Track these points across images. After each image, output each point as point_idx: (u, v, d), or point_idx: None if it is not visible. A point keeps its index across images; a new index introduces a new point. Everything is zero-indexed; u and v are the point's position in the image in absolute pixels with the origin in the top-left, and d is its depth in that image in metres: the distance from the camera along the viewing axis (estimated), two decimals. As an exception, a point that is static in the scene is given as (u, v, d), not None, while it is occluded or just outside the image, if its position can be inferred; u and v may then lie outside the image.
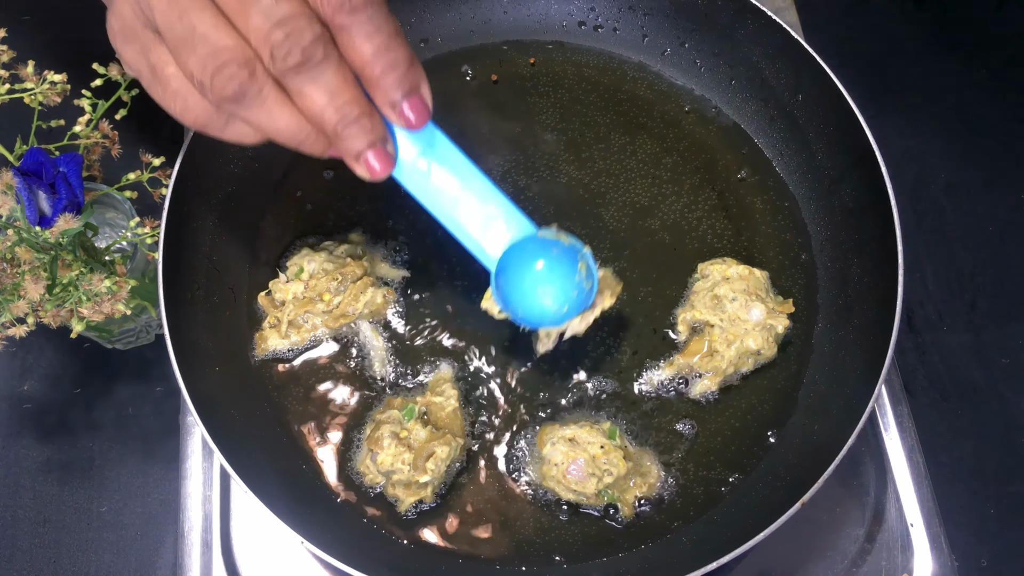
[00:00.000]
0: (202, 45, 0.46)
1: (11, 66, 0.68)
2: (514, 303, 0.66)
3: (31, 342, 0.87)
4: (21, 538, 0.81)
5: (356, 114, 0.48)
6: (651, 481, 0.72)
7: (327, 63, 0.46)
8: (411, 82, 0.49)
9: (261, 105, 0.47)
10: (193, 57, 0.46)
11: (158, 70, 0.49)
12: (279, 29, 0.45)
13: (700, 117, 0.88)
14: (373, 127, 0.50)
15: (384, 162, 0.52)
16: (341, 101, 0.48)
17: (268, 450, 0.72)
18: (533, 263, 0.65)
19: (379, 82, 0.48)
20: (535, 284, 0.66)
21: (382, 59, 0.47)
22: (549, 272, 0.65)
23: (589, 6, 0.91)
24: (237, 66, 0.46)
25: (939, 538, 0.78)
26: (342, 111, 0.48)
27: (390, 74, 0.48)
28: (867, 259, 0.76)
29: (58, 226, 0.64)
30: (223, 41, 0.46)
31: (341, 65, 0.47)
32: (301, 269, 0.76)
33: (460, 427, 0.72)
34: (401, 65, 0.48)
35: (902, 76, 1.11)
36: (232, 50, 0.46)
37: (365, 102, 0.49)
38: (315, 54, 0.46)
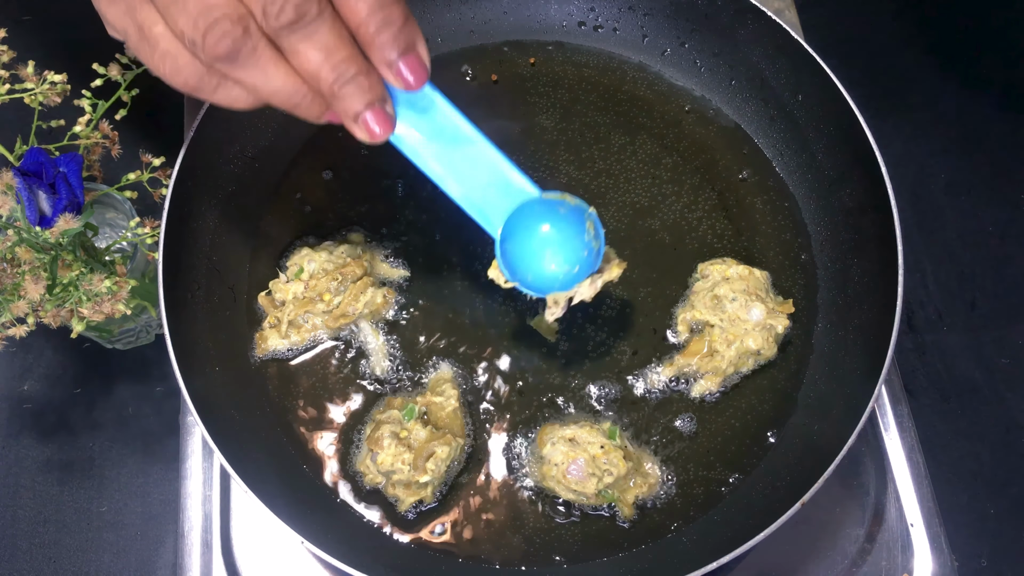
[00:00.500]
0: (193, 2, 0.44)
1: (11, 66, 0.68)
2: (522, 269, 0.64)
3: (31, 342, 0.87)
4: (21, 538, 0.81)
5: (353, 72, 0.47)
6: (651, 481, 0.72)
7: (321, 20, 0.45)
8: (407, 39, 0.48)
9: (255, 64, 0.46)
10: (183, 15, 0.45)
11: (145, 29, 0.47)
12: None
13: (700, 117, 0.88)
14: (371, 86, 0.48)
15: (383, 123, 0.50)
16: (337, 59, 0.46)
17: (268, 450, 0.72)
18: (539, 226, 0.63)
19: (374, 40, 0.47)
20: (543, 247, 0.64)
21: (376, 16, 0.46)
22: (557, 234, 0.64)
23: (589, 6, 0.91)
24: (230, 23, 0.44)
25: (939, 538, 0.78)
26: (338, 69, 0.47)
27: (385, 31, 0.47)
28: (867, 259, 0.76)
29: (58, 226, 0.64)
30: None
31: (336, 22, 0.46)
32: (301, 269, 0.76)
33: (460, 427, 0.72)
34: (396, 22, 0.47)
35: (902, 76, 1.11)
36: (224, 6, 0.44)
37: (362, 60, 0.48)
38: (309, 11, 0.44)
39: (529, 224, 0.62)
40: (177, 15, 0.45)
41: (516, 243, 0.63)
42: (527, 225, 0.62)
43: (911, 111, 1.08)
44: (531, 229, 0.63)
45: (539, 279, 0.65)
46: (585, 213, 0.63)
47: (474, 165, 0.57)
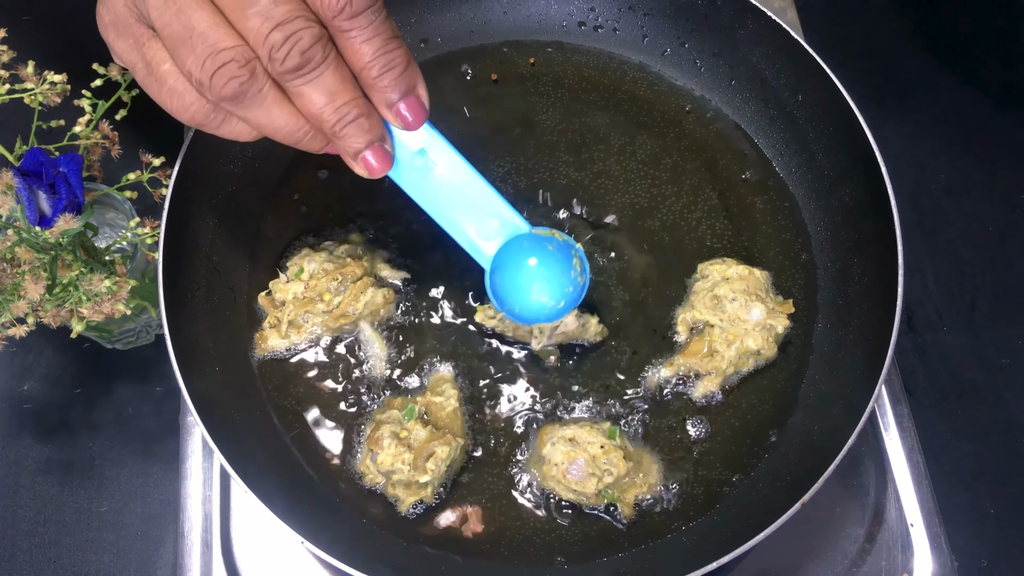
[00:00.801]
0: (200, 44, 0.46)
1: (11, 66, 0.68)
2: (510, 300, 0.67)
3: (31, 342, 0.87)
4: (21, 538, 0.81)
5: (355, 115, 0.49)
6: (651, 481, 0.72)
7: (325, 65, 0.47)
8: (408, 83, 0.50)
9: (260, 105, 0.48)
10: (191, 56, 0.46)
11: (153, 67, 0.49)
12: (278, 31, 0.45)
13: (700, 117, 0.88)
14: (371, 127, 0.51)
15: (382, 160, 0.53)
16: (340, 102, 0.48)
17: (268, 450, 0.72)
18: (528, 259, 0.66)
19: (376, 83, 0.49)
20: (531, 280, 0.67)
21: (380, 61, 0.48)
22: (544, 268, 0.67)
23: (589, 6, 0.91)
24: (237, 67, 0.46)
25: (939, 538, 0.78)
26: (340, 112, 0.49)
27: (387, 76, 0.49)
28: (867, 259, 0.76)
29: (58, 226, 0.64)
30: (222, 41, 0.46)
31: (339, 67, 0.48)
32: (301, 269, 0.76)
33: (460, 427, 0.72)
34: (398, 67, 0.49)
35: (902, 76, 1.11)
36: (231, 50, 0.46)
37: (364, 102, 0.50)
38: (314, 57, 0.46)
39: (518, 257, 0.65)
40: (185, 56, 0.46)
41: (505, 274, 0.65)
42: (516, 258, 0.65)
43: (911, 111, 1.08)
44: (520, 262, 0.66)
45: (526, 310, 0.68)
46: (572, 249, 0.66)
47: (467, 199, 0.60)
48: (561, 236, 0.65)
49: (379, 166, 0.53)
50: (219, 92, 0.47)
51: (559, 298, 0.67)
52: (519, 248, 0.64)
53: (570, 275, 0.67)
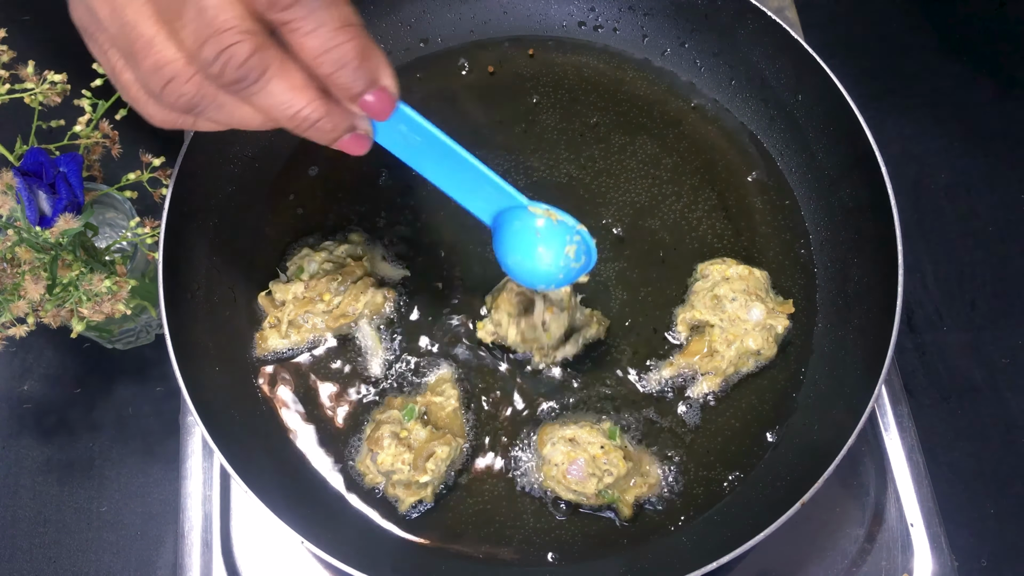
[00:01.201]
0: (144, 57, 0.43)
1: (11, 66, 0.68)
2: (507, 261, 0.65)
3: (31, 342, 0.87)
4: (21, 538, 0.81)
5: (312, 119, 0.46)
6: (651, 481, 0.72)
7: (268, 76, 0.43)
8: (367, 77, 0.45)
9: (219, 109, 0.45)
10: (139, 71, 0.44)
11: (116, 74, 0.47)
12: (208, 47, 0.41)
13: (700, 117, 0.88)
14: (334, 126, 0.47)
15: (358, 145, 0.50)
16: (293, 110, 0.45)
17: (268, 450, 0.72)
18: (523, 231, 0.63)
19: (331, 80, 0.45)
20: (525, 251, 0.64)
21: (330, 57, 0.44)
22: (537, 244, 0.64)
23: (589, 6, 0.91)
24: (181, 82, 0.43)
25: (939, 538, 0.78)
26: (296, 118, 0.45)
27: (341, 72, 0.44)
28: (867, 259, 0.76)
29: (58, 226, 0.64)
30: (164, 53, 0.43)
31: (285, 72, 0.44)
32: (301, 269, 0.76)
33: (460, 427, 0.72)
34: (351, 62, 0.44)
35: (902, 76, 1.11)
36: (174, 64, 0.43)
37: (320, 104, 0.45)
38: (251, 71, 0.42)
39: (515, 226, 0.63)
40: (135, 68, 0.44)
41: (503, 237, 0.64)
42: (513, 226, 0.63)
43: (911, 111, 1.08)
44: (516, 231, 0.63)
45: (520, 275, 0.66)
46: (568, 234, 0.63)
47: (459, 172, 0.58)
48: (557, 217, 0.62)
49: (356, 150, 0.50)
50: (173, 105, 0.45)
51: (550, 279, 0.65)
52: (516, 218, 0.62)
53: (562, 257, 0.63)
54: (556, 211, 0.62)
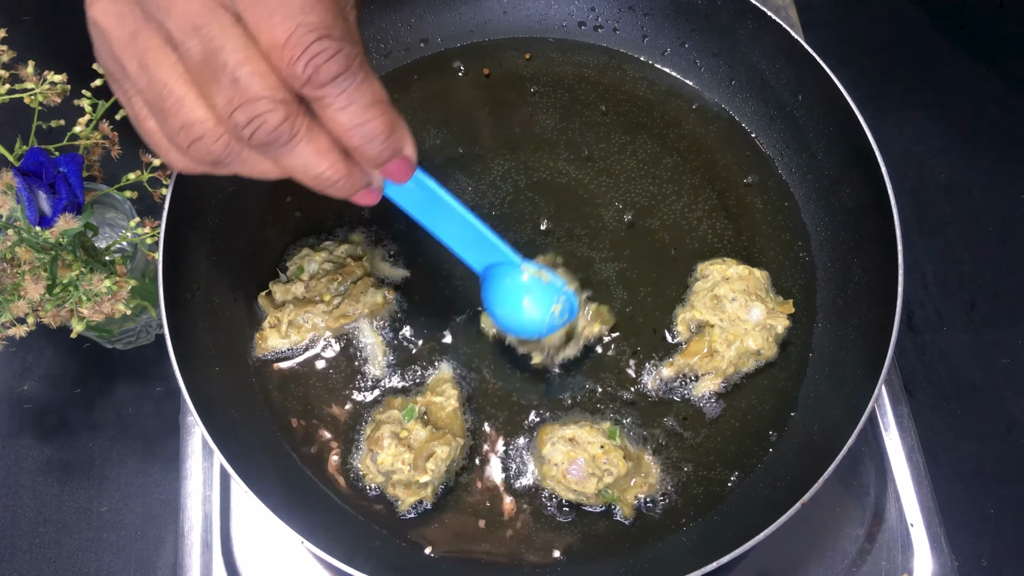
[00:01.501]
0: (173, 116, 0.44)
1: (11, 66, 0.68)
2: (493, 308, 0.70)
3: (31, 342, 0.87)
4: (21, 538, 0.81)
5: (333, 180, 0.47)
6: (651, 481, 0.72)
7: (295, 141, 0.45)
8: (391, 149, 0.47)
9: (242, 165, 0.47)
10: (166, 126, 0.45)
11: (140, 120, 0.48)
12: (240, 113, 0.43)
13: (700, 117, 0.88)
14: (352, 185, 0.48)
15: (369, 199, 0.52)
16: (316, 172, 0.47)
17: (268, 450, 0.72)
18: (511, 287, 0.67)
19: (357, 152, 0.47)
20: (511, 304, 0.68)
21: (358, 132, 0.45)
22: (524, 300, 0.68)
23: (589, 6, 0.91)
24: (210, 141, 0.45)
25: (939, 538, 0.78)
26: (318, 179, 0.47)
27: (367, 146, 0.46)
28: (867, 259, 0.76)
29: (58, 226, 0.64)
30: (195, 114, 0.44)
31: (312, 138, 0.45)
32: (301, 269, 0.76)
33: (460, 427, 0.72)
34: (378, 137, 0.46)
35: (902, 76, 1.11)
36: (203, 124, 0.44)
37: (342, 166, 0.47)
38: (281, 135, 0.44)
39: (504, 279, 0.67)
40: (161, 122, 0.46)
41: (491, 287, 0.68)
42: (503, 279, 0.67)
43: (911, 111, 1.08)
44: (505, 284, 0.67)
45: (505, 324, 0.70)
46: (556, 295, 0.67)
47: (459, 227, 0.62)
48: (547, 277, 0.67)
49: (367, 202, 0.52)
50: (198, 161, 0.46)
51: (533, 331, 0.69)
52: (507, 274, 0.66)
53: (547, 315, 0.68)
54: (547, 271, 0.66)
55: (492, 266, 0.66)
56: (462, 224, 0.62)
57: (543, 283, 0.67)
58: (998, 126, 1.07)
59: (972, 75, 1.10)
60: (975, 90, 1.09)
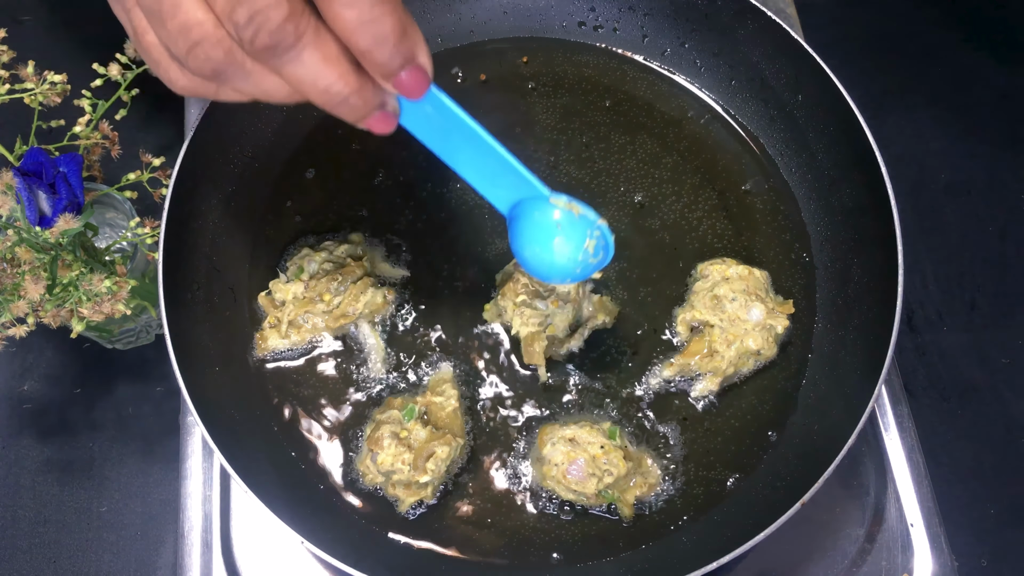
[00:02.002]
0: (171, 19, 0.41)
1: (11, 66, 0.68)
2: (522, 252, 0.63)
3: (31, 342, 0.87)
4: (21, 538, 0.81)
5: (343, 95, 0.44)
6: (651, 481, 0.72)
7: (301, 46, 0.41)
8: (404, 54, 0.43)
9: (245, 79, 0.44)
10: (164, 31, 0.42)
11: (139, 35, 0.45)
12: (242, 9, 0.40)
13: (700, 117, 0.88)
14: (364, 103, 0.45)
15: (385, 124, 0.48)
16: (324, 83, 0.43)
17: (268, 450, 0.72)
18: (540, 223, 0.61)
19: (367, 56, 0.43)
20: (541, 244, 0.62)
21: (367, 31, 0.42)
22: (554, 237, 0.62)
23: (589, 6, 0.91)
24: (210, 46, 0.42)
25: (939, 538, 0.78)
26: (327, 92, 0.44)
27: (378, 48, 0.42)
28: (867, 259, 0.76)
29: (58, 226, 0.64)
30: (193, 15, 0.41)
31: (319, 42, 0.42)
32: (301, 269, 0.76)
33: (460, 427, 0.72)
34: (390, 36, 0.42)
35: (902, 76, 1.11)
36: (203, 26, 0.41)
37: (353, 78, 0.44)
38: (285, 37, 0.41)
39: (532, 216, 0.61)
40: (159, 29, 0.43)
41: (519, 227, 0.62)
42: (530, 216, 0.61)
43: (911, 111, 1.08)
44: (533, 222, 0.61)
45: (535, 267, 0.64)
46: (588, 229, 0.61)
47: (481, 155, 0.56)
48: (579, 210, 0.60)
49: (381, 129, 0.48)
50: (198, 70, 0.43)
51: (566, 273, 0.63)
52: (535, 209, 0.60)
53: (581, 252, 0.62)
54: (578, 203, 0.60)
55: (518, 204, 0.60)
56: (486, 153, 0.55)
57: (575, 217, 0.60)
58: (998, 126, 1.07)
59: (972, 75, 1.10)
60: (975, 90, 1.09)
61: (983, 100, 1.09)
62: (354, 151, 0.84)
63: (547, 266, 0.62)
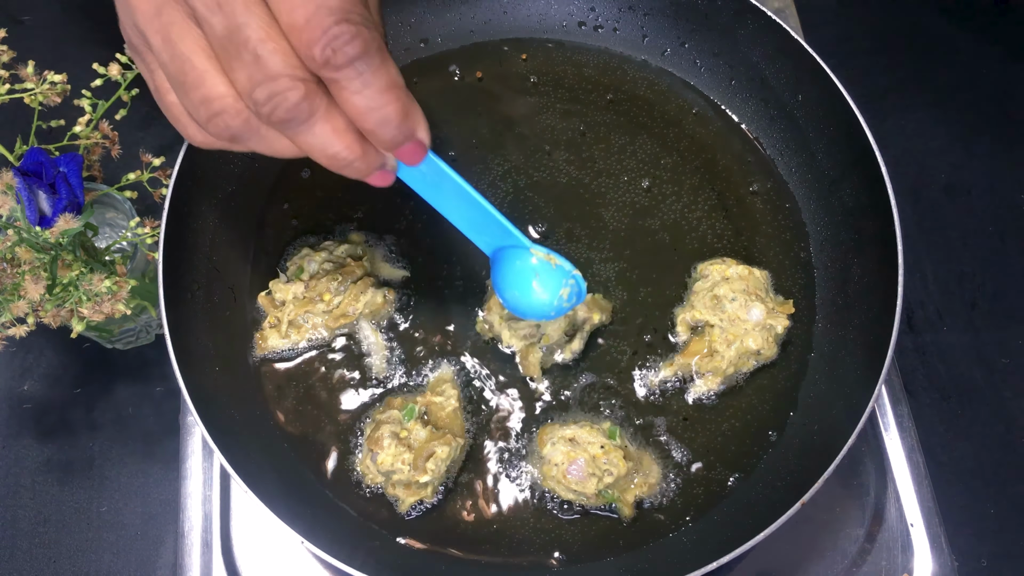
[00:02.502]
0: (195, 89, 0.45)
1: (11, 66, 0.68)
2: (502, 290, 0.69)
3: (31, 342, 0.87)
4: (21, 538, 0.81)
5: (348, 160, 0.48)
6: (651, 481, 0.72)
7: (313, 121, 0.46)
8: (405, 133, 0.48)
9: (260, 142, 0.48)
10: (187, 99, 0.46)
11: (161, 94, 0.49)
12: (261, 90, 0.44)
13: (700, 117, 0.88)
14: (367, 166, 0.49)
15: (383, 181, 0.53)
16: (333, 151, 0.47)
17: (268, 450, 0.72)
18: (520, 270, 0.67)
19: (372, 135, 0.48)
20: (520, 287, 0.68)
21: (374, 116, 0.46)
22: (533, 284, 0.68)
23: (589, 6, 0.91)
24: (230, 116, 0.46)
25: (939, 538, 0.78)
26: (334, 159, 0.48)
27: (382, 130, 0.47)
28: (867, 259, 0.76)
29: (58, 226, 0.64)
30: (216, 89, 0.45)
31: (330, 117, 0.46)
32: (301, 269, 0.76)
33: (460, 427, 0.72)
34: (392, 121, 0.47)
35: (902, 76, 1.11)
36: (224, 100, 0.45)
37: (358, 147, 0.48)
38: (299, 114, 0.45)
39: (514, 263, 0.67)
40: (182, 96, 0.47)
41: (500, 269, 0.68)
42: (512, 262, 0.67)
43: (911, 111, 1.08)
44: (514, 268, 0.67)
45: (515, 306, 0.69)
46: (564, 279, 0.67)
47: (469, 210, 0.62)
48: (556, 261, 0.66)
49: (381, 184, 0.53)
50: (217, 135, 0.47)
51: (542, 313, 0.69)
52: (517, 257, 0.66)
53: (556, 298, 0.68)
54: (555, 256, 0.66)
55: (502, 249, 0.66)
56: (472, 206, 0.62)
57: (552, 267, 0.67)
58: (998, 126, 1.07)
59: (973, 75, 1.10)
60: (975, 90, 1.09)
61: (983, 100, 1.09)
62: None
63: (526, 306, 0.68)
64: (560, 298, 0.67)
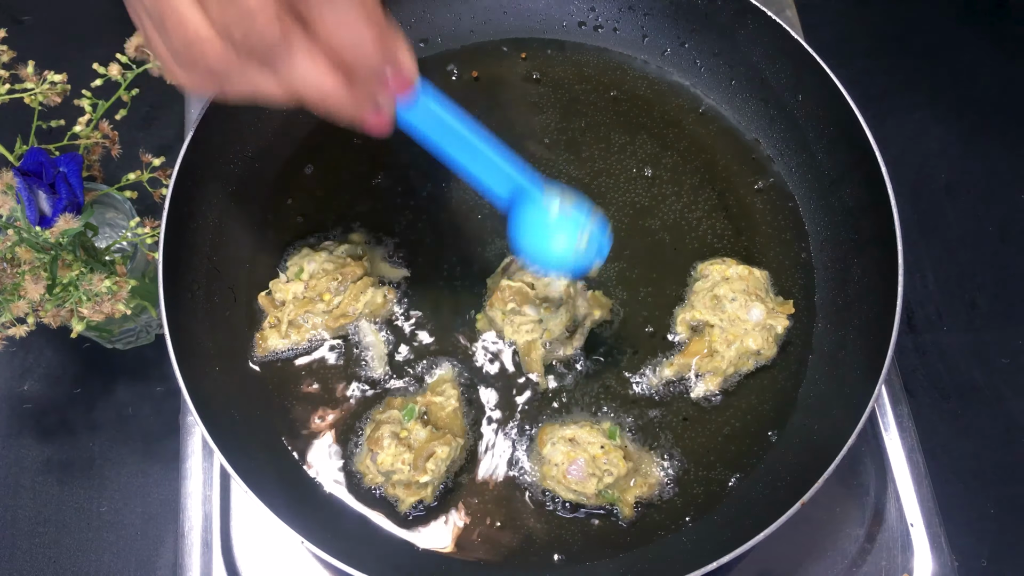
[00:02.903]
0: (175, 30, 0.46)
1: (11, 66, 0.68)
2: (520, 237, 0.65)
3: (31, 342, 0.87)
4: (21, 538, 0.81)
5: (335, 97, 0.48)
6: (651, 481, 0.72)
7: (291, 52, 0.46)
8: (383, 55, 0.48)
9: (245, 80, 0.48)
10: (170, 42, 0.47)
11: (150, 40, 0.49)
12: (238, 26, 0.44)
13: (700, 117, 0.88)
14: (357, 100, 0.49)
15: (379, 125, 0.52)
16: (315, 87, 0.47)
17: (268, 450, 0.72)
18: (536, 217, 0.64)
19: (351, 64, 0.47)
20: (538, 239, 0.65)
21: (347, 40, 0.46)
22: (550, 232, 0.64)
23: (589, 6, 0.91)
24: (212, 56, 0.46)
25: (939, 538, 0.78)
26: (319, 94, 0.48)
27: (357, 55, 0.47)
28: (867, 259, 0.76)
29: (58, 226, 0.64)
30: (197, 30, 0.45)
31: (310, 53, 0.46)
32: (301, 269, 0.76)
33: (460, 427, 0.72)
34: (367, 44, 0.47)
35: (902, 76, 1.11)
36: (205, 40, 0.46)
37: (343, 79, 0.48)
38: (276, 48, 0.45)
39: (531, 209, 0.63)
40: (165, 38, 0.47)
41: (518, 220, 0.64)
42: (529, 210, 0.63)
43: (911, 111, 1.08)
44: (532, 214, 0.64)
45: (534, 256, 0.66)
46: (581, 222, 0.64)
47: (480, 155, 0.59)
48: (572, 202, 0.63)
49: (378, 129, 0.52)
50: (203, 73, 0.47)
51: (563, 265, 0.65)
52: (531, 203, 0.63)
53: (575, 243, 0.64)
54: (572, 196, 0.63)
55: (516, 200, 0.63)
56: (482, 150, 0.59)
57: (568, 210, 0.63)
58: (998, 126, 1.07)
59: (973, 75, 1.10)
60: (976, 90, 1.09)
61: (984, 100, 1.09)
62: (355, 152, 0.84)
63: (544, 257, 0.65)
64: (580, 243, 0.64)
